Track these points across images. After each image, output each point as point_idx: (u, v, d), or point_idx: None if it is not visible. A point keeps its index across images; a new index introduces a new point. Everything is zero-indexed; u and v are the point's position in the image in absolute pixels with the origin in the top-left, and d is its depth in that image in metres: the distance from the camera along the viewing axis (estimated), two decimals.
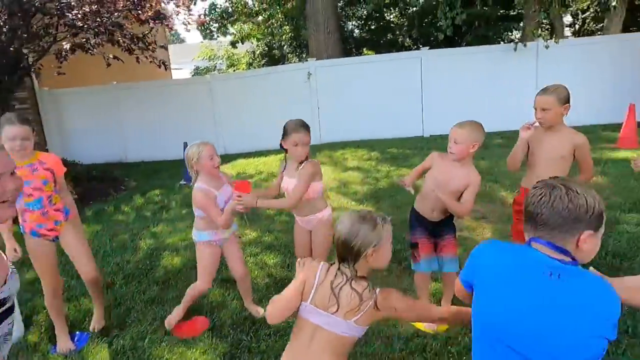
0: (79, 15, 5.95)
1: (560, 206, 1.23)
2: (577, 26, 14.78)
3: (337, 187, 6.32)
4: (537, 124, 2.71)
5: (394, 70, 9.82)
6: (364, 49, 13.41)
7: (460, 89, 9.44)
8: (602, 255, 3.53)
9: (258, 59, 13.93)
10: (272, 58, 13.70)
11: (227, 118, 10.53)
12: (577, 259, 1.28)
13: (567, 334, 1.20)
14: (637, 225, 4.00)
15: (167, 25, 8.33)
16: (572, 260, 1.27)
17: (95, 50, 6.42)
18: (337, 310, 1.59)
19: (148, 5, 7.55)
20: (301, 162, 2.77)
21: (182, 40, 42.20)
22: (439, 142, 8.54)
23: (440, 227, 2.80)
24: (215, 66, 15.43)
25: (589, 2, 10.79)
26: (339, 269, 1.64)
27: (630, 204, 4.47)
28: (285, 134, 2.78)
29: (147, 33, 8.02)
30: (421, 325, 2.79)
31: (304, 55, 12.67)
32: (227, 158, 9.73)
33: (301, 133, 2.71)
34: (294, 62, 12.65)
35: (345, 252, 1.62)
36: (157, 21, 7.78)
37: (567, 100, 2.61)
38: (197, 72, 14.74)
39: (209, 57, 15.01)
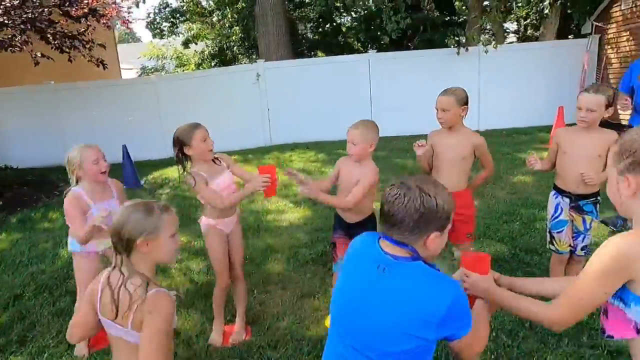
0: (0, 11, 5.60)
1: (413, 208, 1.23)
2: (521, 32, 15.49)
3: (278, 189, 6.25)
4: (426, 146, 2.74)
5: (343, 73, 9.90)
6: (318, 51, 13.46)
7: (407, 91, 9.65)
8: (515, 251, 3.67)
9: (208, 60, 13.67)
10: (223, 59, 13.48)
11: (173, 120, 10.18)
12: (422, 256, 1.29)
13: (388, 329, 1.21)
14: None
15: (105, 23, 8.00)
16: (413, 256, 1.27)
17: (20, 48, 6.03)
18: (116, 317, 1.41)
19: (85, 2, 7.21)
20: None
21: (138, 40, 40.90)
22: (387, 144, 8.67)
23: (358, 228, 2.81)
24: (164, 66, 14.99)
25: (528, 10, 11.31)
26: (120, 268, 1.44)
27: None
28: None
29: (84, 31, 7.68)
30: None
31: (254, 57, 12.56)
32: (173, 162, 9.46)
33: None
34: (244, 63, 12.51)
35: (117, 243, 1.42)
36: (92, 18, 7.46)
37: (466, 102, 2.69)
38: (145, 72, 14.27)
39: (157, 56, 14.55)
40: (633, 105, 3.86)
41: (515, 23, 16.34)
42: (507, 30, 17.59)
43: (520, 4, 10.93)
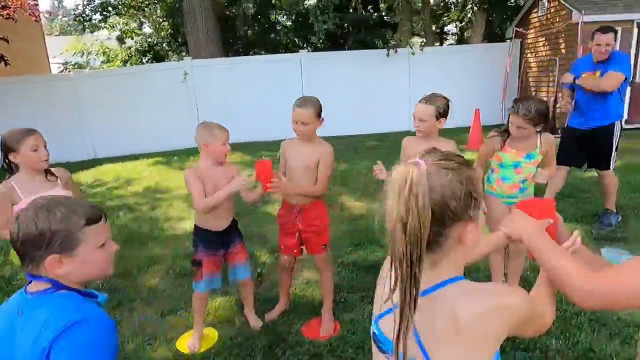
0: None
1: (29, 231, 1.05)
2: (457, 35, 16.02)
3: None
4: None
5: (274, 72, 9.73)
6: (255, 50, 13.21)
7: (339, 91, 9.63)
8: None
9: (136, 56, 13.03)
10: (154, 56, 12.92)
11: (94, 119, 9.65)
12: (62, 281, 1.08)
13: None
14: None
15: (4, 15, 7.40)
16: (52, 287, 1.07)
17: None
18: None
19: None
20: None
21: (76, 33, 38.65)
22: (335, 143, 8.56)
23: (229, 236, 2.64)
24: (89, 62, 14.18)
25: (457, 14, 11.65)
26: None
27: None
28: None
29: None
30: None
31: (184, 54, 12.14)
32: (95, 163, 8.97)
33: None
34: (174, 60, 12.06)
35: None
36: None
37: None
38: (66, 67, 13.43)
39: (82, 52, 13.72)
40: (573, 104, 3.86)
41: (454, 25, 16.85)
42: (447, 33, 18.11)
43: (443, 11, 11.26)
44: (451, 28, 17.88)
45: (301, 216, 2.58)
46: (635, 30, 7.83)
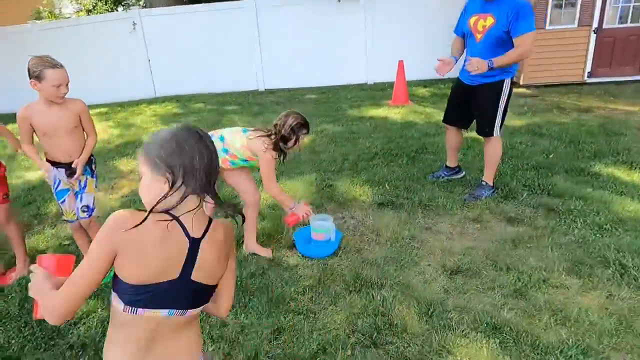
0: None
1: None
2: None
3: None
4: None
5: (226, 21, 9.46)
6: None
7: (296, 40, 9.40)
8: None
9: (101, 5, 12.51)
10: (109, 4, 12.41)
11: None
12: None
13: None
14: None
15: None
16: None
17: None
18: None
19: None
20: None
21: None
22: (277, 97, 8.55)
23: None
24: (60, 10, 13.69)
25: None
26: None
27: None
28: None
29: None
30: None
31: (141, 3, 11.73)
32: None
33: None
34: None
35: None
36: None
37: None
38: (39, 16, 12.94)
39: None
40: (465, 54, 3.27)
41: None
42: None
43: None
44: None
45: None
46: None
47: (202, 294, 1.09)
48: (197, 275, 1.04)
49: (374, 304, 2.30)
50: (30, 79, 2.40)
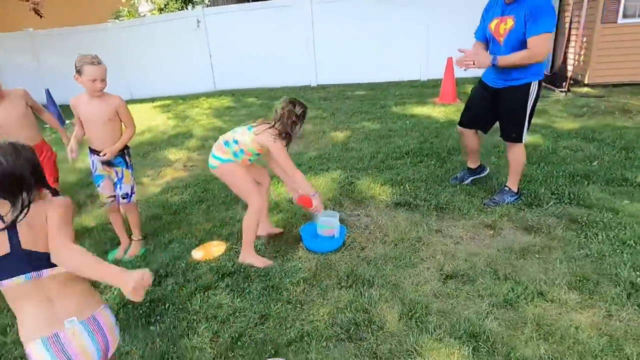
0: None
1: None
2: None
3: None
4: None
5: (283, 17, 9.76)
6: None
7: (350, 35, 9.47)
8: None
9: (172, 3, 13.48)
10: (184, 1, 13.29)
11: (131, 66, 10.57)
12: None
13: None
14: None
15: None
16: None
17: None
18: None
19: None
20: None
21: None
22: (327, 93, 8.70)
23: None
24: (137, 10, 15.01)
25: None
26: None
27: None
28: None
29: None
30: None
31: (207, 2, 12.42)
32: (133, 102, 9.99)
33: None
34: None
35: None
36: None
37: None
38: (117, 17, 14.34)
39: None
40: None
41: None
42: None
43: None
44: None
45: None
46: None
47: (37, 258, 1.33)
48: (26, 245, 1.32)
49: (360, 300, 2.37)
50: (75, 73, 2.76)
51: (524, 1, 2.82)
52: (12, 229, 1.32)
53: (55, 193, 1.45)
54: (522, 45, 2.88)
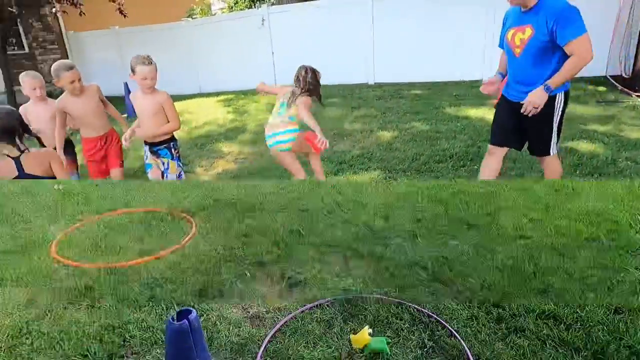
0: None
1: None
2: None
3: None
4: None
5: (343, 15, 9.81)
6: None
7: (410, 33, 9.33)
8: None
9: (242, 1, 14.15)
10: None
11: (200, 62, 11.30)
12: None
13: None
14: None
15: None
16: None
17: None
18: None
19: None
20: None
21: None
22: (382, 91, 8.66)
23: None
24: (210, 7, 15.92)
25: None
26: None
27: None
28: None
29: None
30: None
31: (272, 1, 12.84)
32: (201, 95, 10.69)
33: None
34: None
35: None
36: None
37: None
38: (191, 14, 15.36)
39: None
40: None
41: None
42: None
43: None
44: None
45: None
46: None
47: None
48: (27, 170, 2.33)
49: None
50: (130, 72, 3.13)
51: (541, 8, 2.63)
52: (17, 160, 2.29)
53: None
54: (545, 53, 2.66)
